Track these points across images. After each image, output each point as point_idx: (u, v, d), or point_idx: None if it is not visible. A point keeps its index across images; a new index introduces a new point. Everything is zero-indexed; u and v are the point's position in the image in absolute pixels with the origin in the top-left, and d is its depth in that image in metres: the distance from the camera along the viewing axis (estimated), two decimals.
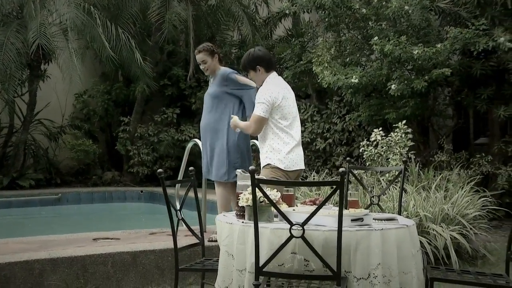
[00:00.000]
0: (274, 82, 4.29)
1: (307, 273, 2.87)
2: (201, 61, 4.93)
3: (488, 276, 3.18)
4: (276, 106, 4.18)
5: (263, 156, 4.28)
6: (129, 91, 12.04)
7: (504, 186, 8.00)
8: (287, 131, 4.23)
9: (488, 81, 8.36)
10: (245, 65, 4.35)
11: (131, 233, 5.26)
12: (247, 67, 4.33)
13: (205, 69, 4.99)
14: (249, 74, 4.41)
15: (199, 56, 4.93)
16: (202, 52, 4.93)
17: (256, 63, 4.25)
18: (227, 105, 4.89)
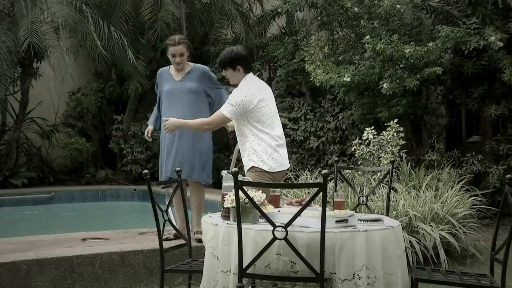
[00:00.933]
0: (251, 84, 4.14)
1: (292, 275, 2.87)
2: (179, 53, 4.68)
3: (472, 277, 3.18)
4: (250, 110, 4.03)
5: (245, 159, 4.16)
6: (122, 89, 12.01)
7: (495, 185, 8.02)
8: (267, 131, 4.09)
9: (480, 80, 8.38)
10: (225, 62, 4.12)
11: (120, 233, 5.24)
12: (227, 64, 4.10)
13: (179, 62, 4.72)
14: (225, 72, 4.19)
15: (178, 48, 4.66)
16: (182, 44, 4.70)
17: (238, 62, 4.09)
18: (204, 103, 4.81)
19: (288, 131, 10.33)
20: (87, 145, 11.62)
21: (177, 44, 4.64)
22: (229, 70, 4.13)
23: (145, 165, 11.70)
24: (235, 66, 4.10)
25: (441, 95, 9.21)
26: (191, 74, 4.78)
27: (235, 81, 4.18)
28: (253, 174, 4.06)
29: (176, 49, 4.65)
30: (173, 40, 4.67)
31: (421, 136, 9.57)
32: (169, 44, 4.68)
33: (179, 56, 4.67)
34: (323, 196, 2.65)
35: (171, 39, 4.70)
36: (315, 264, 2.76)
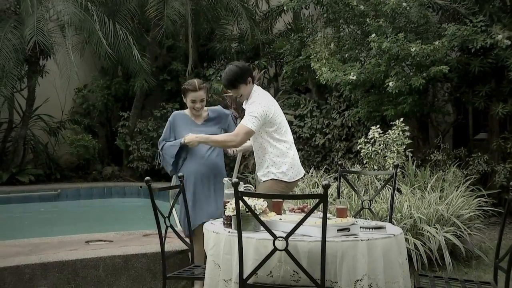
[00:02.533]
0: (264, 94, 4.20)
1: (294, 283, 2.86)
2: (200, 99, 4.39)
3: (475, 285, 3.16)
4: (269, 120, 4.07)
5: (263, 171, 4.18)
6: (128, 86, 12.01)
7: (502, 183, 7.97)
8: (283, 139, 4.16)
9: (487, 78, 8.31)
10: (237, 79, 4.09)
11: (124, 234, 5.24)
12: (240, 81, 4.08)
13: (199, 109, 4.43)
14: (238, 89, 4.13)
15: (199, 94, 4.36)
16: (202, 89, 4.39)
17: (248, 75, 4.14)
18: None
19: (294, 128, 10.30)
20: (93, 142, 11.65)
21: (198, 89, 4.34)
22: (242, 87, 4.12)
23: (151, 162, 11.72)
24: (247, 80, 4.12)
25: (447, 92, 9.15)
26: (210, 118, 4.52)
27: (247, 95, 4.18)
28: (270, 182, 4.11)
29: (197, 95, 4.35)
30: (193, 86, 4.34)
31: (428, 133, 9.52)
32: (189, 89, 4.35)
33: (199, 102, 4.39)
34: (324, 207, 2.64)
35: (190, 84, 4.36)
36: (317, 272, 2.75)
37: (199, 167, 4.39)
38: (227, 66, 4.24)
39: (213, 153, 4.44)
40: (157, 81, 11.78)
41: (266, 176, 4.17)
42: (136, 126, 11.76)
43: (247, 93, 4.16)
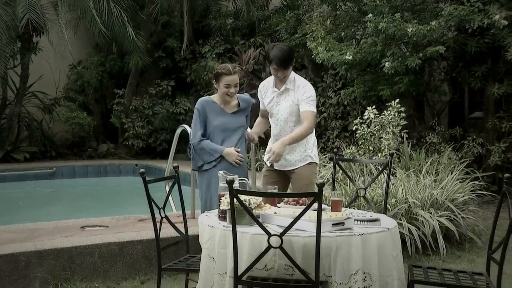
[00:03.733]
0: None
1: (288, 277, 2.87)
2: (235, 83, 4.13)
3: (468, 276, 3.19)
4: None
5: (301, 156, 4.32)
6: (123, 63, 11.93)
7: (497, 163, 8.02)
8: None
9: (483, 58, 8.27)
10: (290, 60, 4.18)
11: (119, 219, 5.25)
12: (291, 62, 4.20)
13: (233, 94, 4.17)
14: (287, 70, 4.18)
15: (235, 78, 4.12)
16: (237, 73, 4.16)
17: (294, 57, 4.31)
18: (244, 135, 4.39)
19: None
20: (88, 120, 11.62)
21: (232, 73, 4.10)
22: (290, 67, 4.21)
23: (146, 140, 11.72)
24: (292, 62, 4.25)
25: (444, 72, 9.11)
26: (241, 108, 4.30)
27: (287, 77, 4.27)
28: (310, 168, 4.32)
29: (232, 78, 4.10)
30: (227, 69, 4.11)
31: (423, 112, 9.51)
32: (224, 73, 4.11)
33: (234, 86, 4.13)
34: (319, 206, 2.64)
35: (224, 68, 4.13)
36: (311, 267, 2.76)
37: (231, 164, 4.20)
38: (275, 45, 4.28)
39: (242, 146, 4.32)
40: (152, 58, 11.69)
41: (304, 160, 4.33)
42: (131, 104, 11.72)
43: (288, 75, 4.27)
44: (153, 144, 11.81)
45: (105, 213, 7.23)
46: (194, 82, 11.69)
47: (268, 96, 4.39)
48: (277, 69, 4.18)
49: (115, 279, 4.35)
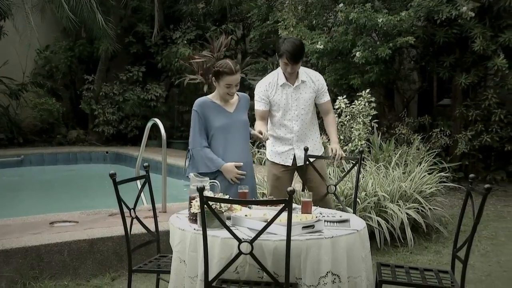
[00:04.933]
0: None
1: (259, 279, 2.90)
2: (236, 83, 3.84)
3: (434, 275, 3.26)
4: None
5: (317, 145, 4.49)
6: (93, 48, 11.72)
7: (463, 151, 8.19)
8: None
9: (451, 48, 8.38)
10: (299, 56, 4.14)
11: (89, 214, 5.19)
12: (300, 58, 4.16)
13: (233, 94, 3.86)
14: (299, 64, 4.17)
15: (236, 78, 3.80)
16: (239, 71, 3.84)
17: (304, 53, 4.31)
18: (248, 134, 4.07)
19: None
20: (57, 106, 11.42)
21: (234, 72, 3.78)
22: (300, 62, 4.19)
23: (117, 126, 11.59)
24: (303, 57, 4.23)
25: (413, 61, 9.21)
26: (241, 103, 3.97)
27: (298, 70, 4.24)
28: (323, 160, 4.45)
29: (233, 78, 3.78)
30: (229, 68, 3.76)
31: (393, 100, 9.63)
32: (225, 72, 3.76)
33: (235, 86, 3.85)
34: (289, 213, 2.65)
35: (225, 67, 3.78)
36: (282, 269, 2.78)
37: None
38: (286, 39, 4.20)
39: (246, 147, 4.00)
40: (122, 43, 11.51)
41: (320, 149, 4.49)
42: (101, 90, 11.56)
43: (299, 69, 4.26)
44: (124, 131, 11.70)
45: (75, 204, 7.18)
46: (166, 68, 11.58)
47: (279, 93, 4.25)
48: (287, 64, 4.11)
49: (85, 276, 4.33)
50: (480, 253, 5.24)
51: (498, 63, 7.61)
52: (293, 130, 4.30)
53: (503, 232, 6.03)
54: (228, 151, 3.82)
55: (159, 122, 5.47)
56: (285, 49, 4.07)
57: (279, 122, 4.31)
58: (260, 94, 4.29)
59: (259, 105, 4.29)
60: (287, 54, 4.07)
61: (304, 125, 4.32)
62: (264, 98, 4.28)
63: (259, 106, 4.29)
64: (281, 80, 4.23)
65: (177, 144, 11.47)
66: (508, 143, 8.45)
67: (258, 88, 4.32)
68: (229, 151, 3.81)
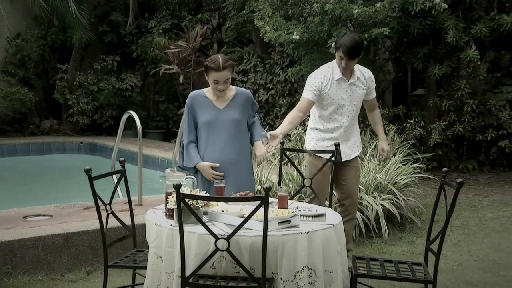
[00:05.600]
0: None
1: (236, 274, 2.92)
2: (224, 80, 3.66)
3: (408, 268, 3.32)
4: None
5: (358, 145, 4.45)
6: (66, 37, 11.53)
7: (437, 140, 8.32)
8: None
9: (425, 40, 8.48)
10: (356, 52, 4.03)
11: (64, 207, 5.13)
12: (359, 54, 4.08)
13: (222, 90, 3.70)
14: (354, 61, 4.08)
15: (223, 74, 3.63)
16: (227, 68, 3.64)
17: (362, 52, 4.18)
18: (246, 132, 3.88)
19: (237, 83, 10.26)
20: (30, 95, 11.24)
21: (221, 69, 3.61)
22: (355, 59, 4.11)
23: (92, 116, 11.47)
24: (360, 55, 4.13)
25: (388, 51, 9.28)
26: (236, 101, 3.79)
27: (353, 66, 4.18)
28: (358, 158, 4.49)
29: (220, 75, 3.62)
30: (216, 64, 3.61)
31: None
32: (212, 68, 3.63)
33: (223, 83, 3.67)
34: (265, 209, 2.67)
35: (213, 62, 3.63)
36: (258, 264, 2.80)
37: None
38: (346, 34, 4.13)
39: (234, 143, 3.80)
40: (96, 32, 11.36)
41: (359, 147, 4.47)
42: (75, 79, 11.41)
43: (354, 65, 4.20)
44: (98, 121, 11.58)
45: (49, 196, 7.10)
46: (141, 58, 11.46)
47: (334, 88, 4.16)
48: (342, 58, 4.02)
49: (59, 271, 4.29)
50: (452, 242, 5.34)
51: (470, 54, 7.73)
52: (343, 125, 4.25)
53: (474, 221, 6.16)
54: (208, 148, 3.75)
55: (134, 115, 5.43)
56: (343, 42, 3.99)
57: (330, 116, 4.24)
58: (313, 85, 4.16)
59: (307, 93, 4.16)
60: (343, 48, 3.97)
61: (351, 121, 4.30)
62: (316, 89, 4.15)
63: (307, 94, 4.15)
64: (337, 75, 4.14)
65: (153, 135, 11.41)
66: (480, 133, 8.61)
67: (312, 78, 4.20)
68: (210, 148, 3.75)
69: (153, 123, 11.88)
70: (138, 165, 5.48)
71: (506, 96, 8.50)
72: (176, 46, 10.16)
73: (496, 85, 8.85)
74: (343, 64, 4.06)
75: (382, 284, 3.99)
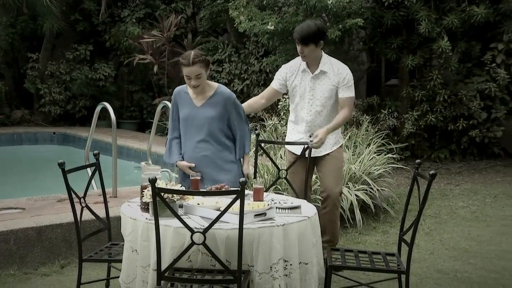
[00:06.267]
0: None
1: (212, 267, 2.92)
2: (195, 75, 3.61)
3: (382, 258, 3.36)
4: None
5: (338, 136, 4.27)
6: (36, 25, 11.31)
7: (410, 130, 8.43)
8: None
9: (398, 30, 8.56)
10: (309, 37, 3.93)
11: (37, 200, 5.06)
12: (311, 40, 3.94)
13: (195, 85, 3.66)
14: (306, 47, 3.97)
15: (193, 69, 3.60)
16: (197, 64, 3.60)
17: (322, 37, 4.01)
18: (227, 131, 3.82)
19: (212, 73, 10.21)
20: None
21: (191, 64, 3.58)
22: (311, 46, 3.98)
23: (64, 106, 11.30)
24: (317, 42, 3.98)
25: (362, 42, 9.34)
26: (215, 99, 3.74)
27: (313, 57, 4.05)
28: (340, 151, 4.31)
29: (191, 70, 3.60)
30: (186, 59, 3.60)
31: None
32: (183, 63, 3.64)
33: (195, 78, 3.63)
34: (241, 204, 2.67)
35: (185, 57, 3.63)
36: (234, 257, 2.81)
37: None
38: (307, 21, 4.09)
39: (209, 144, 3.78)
40: (68, 21, 11.16)
41: (337, 143, 4.27)
42: (46, 69, 11.21)
43: (313, 56, 4.04)
44: (71, 111, 11.42)
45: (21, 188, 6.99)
46: (114, 47, 11.32)
47: (298, 79, 4.14)
48: (298, 44, 4.00)
49: (32, 265, 4.24)
50: (424, 232, 5.44)
51: (442, 45, 7.84)
52: (305, 120, 4.19)
53: (445, 210, 6.27)
54: (186, 144, 3.79)
55: (109, 107, 5.37)
56: (298, 28, 4.00)
57: (296, 108, 4.23)
58: (278, 74, 4.23)
59: (274, 82, 4.25)
60: (295, 34, 3.98)
61: (318, 117, 4.16)
62: (281, 78, 4.20)
63: (272, 83, 4.26)
64: (303, 66, 4.12)
65: (127, 125, 11.30)
66: (451, 123, 8.75)
67: (280, 69, 4.26)
68: (187, 144, 3.79)
69: (127, 113, 11.77)
70: (112, 158, 5.42)
71: (477, 87, 8.64)
72: (150, 35, 10.05)
73: (467, 76, 9.00)
74: (299, 50, 4.04)
75: (357, 274, 4.04)
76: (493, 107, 8.76)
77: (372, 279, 3.97)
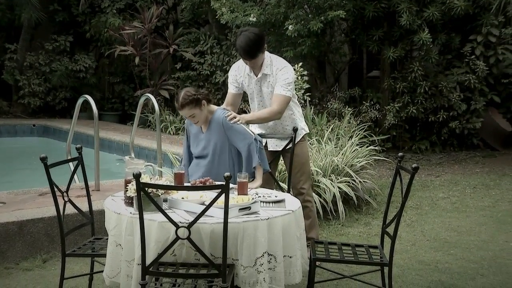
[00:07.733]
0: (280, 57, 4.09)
1: (196, 261, 2.93)
2: (188, 115, 3.68)
3: (365, 251, 3.40)
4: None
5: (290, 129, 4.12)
6: (13, 15, 11.13)
7: (392, 122, 8.50)
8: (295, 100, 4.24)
9: (380, 22, 8.60)
10: (257, 49, 3.81)
11: (18, 194, 5.01)
12: (259, 51, 3.83)
13: (195, 122, 3.75)
14: (256, 59, 3.86)
15: (184, 112, 3.66)
16: (186, 107, 3.62)
17: (264, 42, 3.89)
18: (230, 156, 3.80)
19: (194, 65, 10.17)
20: None
21: (180, 108, 3.65)
22: (259, 55, 3.87)
23: (44, 98, 11.17)
24: (262, 48, 3.88)
25: (344, 33, 9.38)
26: (212, 126, 3.77)
27: (261, 61, 3.94)
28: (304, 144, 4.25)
29: (182, 113, 3.68)
30: (177, 103, 3.67)
31: (325, 72, 9.79)
32: (176, 107, 3.73)
33: (191, 118, 3.71)
34: (226, 197, 2.68)
35: (176, 100, 3.69)
36: (219, 250, 2.82)
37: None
38: (242, 32, 3.86)
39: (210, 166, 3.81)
40: (47, 11, 11.00)
41: (298, 135, 4.12)
42: (25, 60, 11.05)
43: (260, 61, 3.94)
44: (51, 103, 11.29)
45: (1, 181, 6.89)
46: (94, 38, 11.19)
47: (246, 81, 4.07)
48: (245, 59, 3.88)
49: (14, 259, 4.20)
50: (406, 223, 5.50)
51: (423, 38, 7.90)
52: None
53: (426, 201, 6.34)
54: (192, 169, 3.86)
55: (90, 99, 5.31)
56: (239, 45, 3.82)
57: (251, 107, 4.20)
58: (230, 78, 4.13)
59: (230, 87, 4.13)
60: (240, 51, 3.84)
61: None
62: (233, 81, 4.10)
63: (230, 88, 4.12)
64: (247, 70, 4.04)
65: (108, 117, 11.22)
66: (432, 114, 8.84)
67: (230, 71, 4.18)
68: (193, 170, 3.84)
69: (108, 105, 11.67)
70: (94, 152, 5.38)
71: (457, 78, 8.74)
72: (131, 27, 9.96)
73: (447, 67, 9.09)
74: (249, 64, 3.94)
75: (340, 267, 4.07)
76: (472, 98, 8.86)
77: (356, 272, 4.01)
